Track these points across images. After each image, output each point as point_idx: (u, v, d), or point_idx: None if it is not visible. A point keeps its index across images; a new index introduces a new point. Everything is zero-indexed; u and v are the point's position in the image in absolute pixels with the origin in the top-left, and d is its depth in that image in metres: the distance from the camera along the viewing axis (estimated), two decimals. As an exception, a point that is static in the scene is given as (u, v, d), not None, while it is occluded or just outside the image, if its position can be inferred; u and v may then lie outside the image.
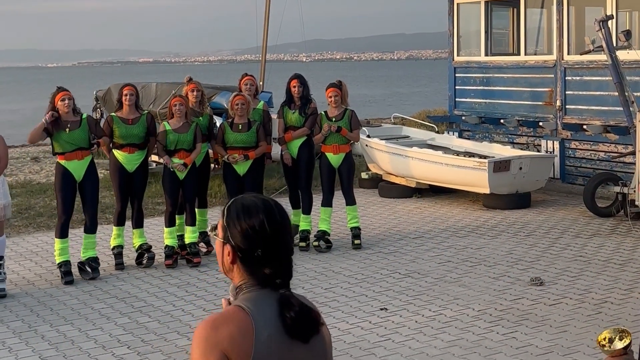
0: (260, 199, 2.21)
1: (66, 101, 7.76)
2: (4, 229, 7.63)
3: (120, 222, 8.37)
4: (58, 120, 7.72)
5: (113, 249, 8.39)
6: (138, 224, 8.40)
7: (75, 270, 7.98)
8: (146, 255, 8.34)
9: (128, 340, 6.25)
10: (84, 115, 7.97)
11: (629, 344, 2.31)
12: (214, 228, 2.23)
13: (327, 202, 9.02)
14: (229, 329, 2.05)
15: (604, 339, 2.33)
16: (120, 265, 8.28)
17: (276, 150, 9.36)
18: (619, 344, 2.31)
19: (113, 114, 8.43)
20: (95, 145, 7.97)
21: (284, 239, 2.18)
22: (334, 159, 8.94)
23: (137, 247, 8.41)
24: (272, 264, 2.14)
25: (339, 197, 9.30)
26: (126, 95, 8.23)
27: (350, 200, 8.99)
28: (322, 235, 8.98)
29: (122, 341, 6.23)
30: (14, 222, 10.42)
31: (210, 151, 9.03)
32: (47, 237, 9.51)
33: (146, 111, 8.60)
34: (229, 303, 2.20)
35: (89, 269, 7.98)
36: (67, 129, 7.75)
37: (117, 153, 8.22)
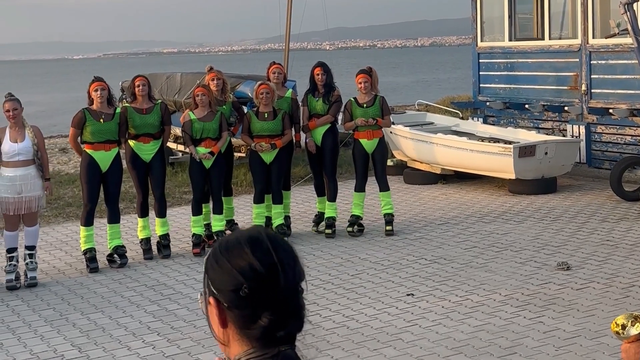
0: (247, 232, 1.67)
1: (99, 92, 7.87)
2: (37, 219, 7.76)
3: (144, 213, 8.41)
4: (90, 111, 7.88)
5: (141, 242, 8.46)
6: (161, 213, 8.45)
7: (104, 261, 8.09)
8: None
9: (158, 327, 6.34)
10: (118, 110, 8.07)
11: None
12: (202, 294, 1.71)
13: (360, 188, 9.06)
14: None
15: (618, 325, 2.33)
16: (149, 258, 8.34)
17: (303, 137, 9.41)
18: (632, 330, 2.31)
19: (127, 104, 8.50)
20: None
21: (285, 273, 1.60)
22: (368, 144, 8.97)
23: (159, 236, 8.46)
24: (269, 308, 1.59)
25: (369, 183, 9.31)
26: (139, 85, 8.29)
27: (384, 186, 9.02)
28: (356, 220, 9.03)
29: (152, 328, 6.32)
30: (43, 212, 10.56)
31: (234, 139, 9.08)
32: (76, 227, 9.61)
33: (159, 100, 8.67)
34: None
35: (116, 257, 8.09)
36: (102, 120, 7.87)
37: (132, 143, 8.28)
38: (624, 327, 2.33)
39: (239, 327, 1.62)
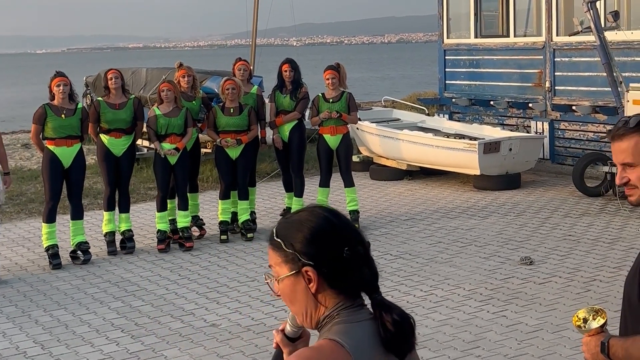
0: (318, 209, 1.93)
1: (61, 87, 7.77)
2: None
3: (110, 207, 8.36)
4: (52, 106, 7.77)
5: (105, 235, 8.42)
6: (124, 208, 8.41)
7: (67, 258, 8.01)
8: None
9: (122, 323, 6.29)
10: (80, 105, 7.98)
11: (605, 323, 2.35)
12: (269, 275, 1.92)
13: (325, 183, 9.08)
14: None
15: (579, 319, 2.37)
16: (113, 252, 8.31)
17: (269, 134, 9.41)
18: (593, 324, 2.35)
19: (100, 98, 8.43)
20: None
21: (362, 235, 1.91)
22: (332, 140, 8.98)
23: (122, 231, 8.42)
24: (364, 263, 1.87)
25: (334, 179, 9.32)
26: (111, 78, 8.22)
27: (349, 182, 9.04)
28: None
29: (115, 325, 6.27)
30: (5, 208, 10.43)
31: (201, 135, 9.05)
32: (39, 223, 9.49)
33: (133, 95, 8.60)
34: (285, 334, 1.97)
35: (80, 254, 8.02)
36: (63, 115, 7.78)
37: (104, 138, 8.22)
38: (585, 320, 2.36)
39: (337, 286, 1.84)
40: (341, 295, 1.85)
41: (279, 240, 1.87)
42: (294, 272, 1.85)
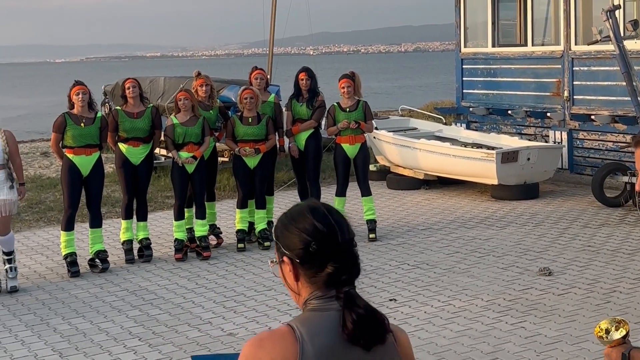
0: (305, 203, 2.07)
1: (80, 96, 7.82)
2: (9, 226, 7.61)
3: (128, 216, 8.40)
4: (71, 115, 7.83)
5: (123, 243, 8.44)
6: (142, 216, 8.44)
7: (85, 266, 8.05)
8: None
9: (139, 332, 6.30)
10: (99, 114, 8.03)
11: (627, 334, 2.33)
12: (272, 259, 2.09)
13: (341, 192, 9.07)
14: (272, 354, 1.91)
15: (601, 330, 2.35)
16: (130, 260, 8.33)
17: (287, 142, 9.41)
18: (616, 335, 2.33)
19: (118, 107, 8.48)
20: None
21: (341, 231, 2.00)
22: (350, 149, 8.98)
23: (140, 239, 8.45)
24: (333, 259, 1.97)
25: (350, 188, 9.31)
26: (129, 88, 8.27)
27: (366, 191, 9.03)
28: None
29: (133, 333, 6.28)
30: (24, 216, 10.50)
31: (218, 144, 9.07)
32: (58, 231, 9.52)
33: (151, 104, 8.64)
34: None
35: (98, 262, 8.05)
36: (82, 124, 7.82)
37: (122, 146, 8.27)
38: (607, 331, 2.35)
39: (309, 277, 1.98)
40: (315, 285, 1.98)
41: (274, 230, 2.08)
42: (279, 259, 2.03)
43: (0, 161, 7.34)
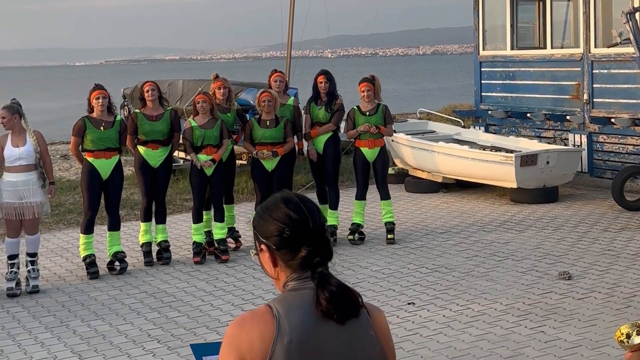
0: (279, 194, 2.23)
1: (100, 100, 7.88)
2: (38, 227, 7.73)
3: (147, 218, 8.44)
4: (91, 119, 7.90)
5: (142, 245, 8.48)
6: (161, 219, 8.48)
7: (104, 268, 8.09)
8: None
9: (158, 334, 6.33)
10: (118, 117, 8.08)
11: None
12: (253, 250, 2.25)
13: (361, 196, 9.07)
14: (251, 332, 2.06)
15: (622, 334, 2.33)
16: (149, 262, 8.37)
17: (306, 145, 9.41)
18: (637, 339, 2.31)
19: (137, 110, 8.52)
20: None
21: (313, 218, 2.16)
22: (369, 153, 8.98)
23: (158, 242, 8.48)
24: (306, 243, 2.13)
25: (369, 191, 9.29)
26: (148, 91, 8.31)
27: (385, 195, 9.03)
28: (357, 228, 9.04)
29: (152, 336, 6.30)
30: (44, 218, 10.56)
31: (236, 147, 9.08)
32: (77, 234, 9.58)
33: (170, 107, 8.68)
34: None
35: (116, 264, 8.09)
36: (102, 128, 7.88)
37: (141, 149, 8.32)
38: (628, 336, 2.33)
39: (285, 261, 2.15)
40: (291, 268, 2.15)
41: (251, 221, 2.23)
42: (258, 249, 2.20)
43: (32, 161, 7.44)
